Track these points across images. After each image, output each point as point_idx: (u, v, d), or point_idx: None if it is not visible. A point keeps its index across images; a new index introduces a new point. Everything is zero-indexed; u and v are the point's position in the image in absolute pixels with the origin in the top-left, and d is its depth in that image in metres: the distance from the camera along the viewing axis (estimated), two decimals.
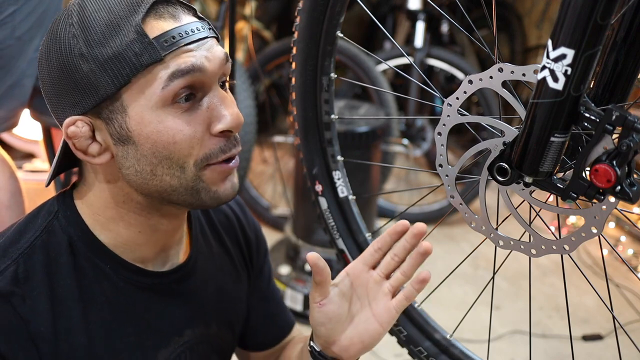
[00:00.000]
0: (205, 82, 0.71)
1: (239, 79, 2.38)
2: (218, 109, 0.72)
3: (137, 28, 0.67)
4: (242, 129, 2.39)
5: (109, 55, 0.67)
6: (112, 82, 0.67)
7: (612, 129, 0.63)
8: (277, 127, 3.76)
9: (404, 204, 2.95)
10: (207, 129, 0.71)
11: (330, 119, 1.04)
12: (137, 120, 0.69)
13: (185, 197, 0.73)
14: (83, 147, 0.72)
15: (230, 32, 1.84)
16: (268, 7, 3.83)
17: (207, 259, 0.89)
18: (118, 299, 0.77)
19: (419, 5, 3.09)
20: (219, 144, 0.72)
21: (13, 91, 1.34)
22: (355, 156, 2.19)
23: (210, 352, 0.89)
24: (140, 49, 0.67)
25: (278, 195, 2.87)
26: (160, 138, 0.69)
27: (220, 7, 3.00)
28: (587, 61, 0.62)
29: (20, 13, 1.28)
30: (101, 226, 0.77)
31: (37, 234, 0.74)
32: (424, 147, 3.16)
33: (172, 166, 0.70)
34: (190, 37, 0.69)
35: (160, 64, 0.67)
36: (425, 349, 0.94)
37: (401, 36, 3.56)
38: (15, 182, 1.40)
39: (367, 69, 2.80)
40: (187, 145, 0.70)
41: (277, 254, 2.42)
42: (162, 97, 0.68)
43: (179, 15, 0.71)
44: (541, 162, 0.68)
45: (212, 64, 0.71)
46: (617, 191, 0.64)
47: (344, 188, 1.06)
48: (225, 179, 0.75)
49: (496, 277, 2.40)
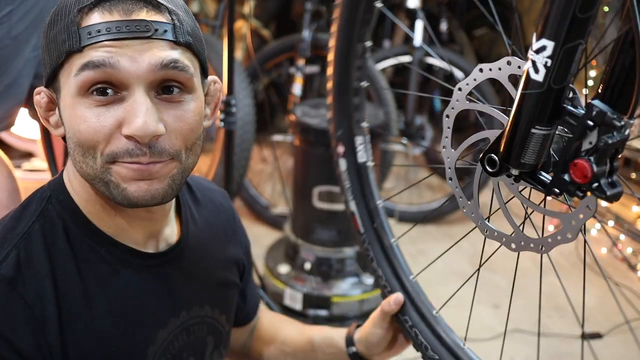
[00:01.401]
0: (123, 81, 0.69)
1: (237, 77, 2.37)
2: (128, 113, 0.69)
3: (72, 15, 0.70)
4: (241, 128, 2.38)
5: (51, 37, 0.72)
6: (49, 62, 0.72)
7: (593, 124, 0.63)
8: (276, 126, 3.75)
9: (403, 202, 2.94)
10: (117, 128, 0.70)
11: (359, 85, 1.06)
12: (63, 102, 0.72)
13: (101, 188, 0.73)
14: (45, 116, 0.77)
15: (229, 31, 1.84)
16: (267, 6, 3.82)
17: (197, 242, 0.90)
18: (116, 281, 0.78)
19: (417, 4, 3.09)
20: (127, 145, 0.70)
21: (10, 91, 1.33)
22: None
23: (206, 334, 0.91)
24: (67, 36, 0.70)
25: (277, 194, 2.86)
26: (71, 124, 0.72)
27: (219, 5, 3.00)
28: (568, 54, 0.62)
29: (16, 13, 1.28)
30: (92, 208, 0.78)
31: (34, 219, 0.76)
32: (423, 145, 3.16)
33: (85, 154, 0.72)
34: (122, 33, 0.68)
35: (79, 53, 0.69)
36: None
37: (400, 35, 3.56)
38: (13, 182, 1.39)
39: None
40: (92, 136, 0.70)
41: (276, 252, 2.42)
42: (75, 85, 0.70)
43: (134, 11, 0.69)
44: (522, 154, 0.68)
45: (135, 65, 0.68)
46: (593, 187, 0.64)
47: (364, 154, 1.09)
48: (136, 178, 0.71)
49: (496, 276, 2.40)
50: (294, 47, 2.90)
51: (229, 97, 1.89)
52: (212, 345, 0.93)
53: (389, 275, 1.02)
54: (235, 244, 1.01)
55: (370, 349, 1.01)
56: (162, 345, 0.83)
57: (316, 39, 2.85)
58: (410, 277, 1.01)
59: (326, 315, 2.18)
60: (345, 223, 2.25)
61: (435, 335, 0.95)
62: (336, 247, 2.24)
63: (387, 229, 1.07)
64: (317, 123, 2.15)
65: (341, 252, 2.24)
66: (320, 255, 2.24)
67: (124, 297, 0.78)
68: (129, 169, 0.71)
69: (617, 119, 0.61)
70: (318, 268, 2.24)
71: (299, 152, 2.25)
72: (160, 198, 0.73)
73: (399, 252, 1.05)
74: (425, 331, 0.96)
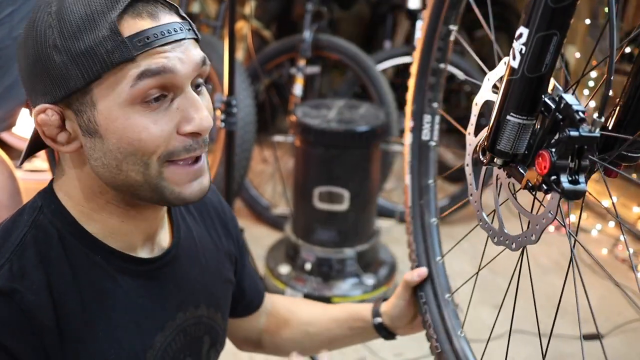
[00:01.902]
0: (176, 83, 0.71)
1: (238, 78, 2.37)
2: (188, 111, 0.72)
3: (111, 25, 0.67)
4: (242, 129, 2.39)
5: (82, 50, 0.68)
6: (82, 76, 0.68)
7: (561, 117, 0.64)
8: (276, 127, 3.76)
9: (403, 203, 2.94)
10: (174, 129, 0.72)
11: (438, 66, 1.09)
12: (105, 115, 0.70)
13: (150, 194, 0.74)
14: (52, 134, 0.73)
15: (230, 31, 1.84)
16: (268, 7, 3.82)
17: (189, 243, 0.91)
18: (113, 287, 0.78)
19: (418, 5, 3.09)
20: (184, 143, 0.73)
21: (11, 92, 1.33)
22: (355, 155, 2.18)
23: (203, 334, 0.91)
24: (113, 46, 0.67)
25: (278, 194, 2.87)
26: (126, 134, 0.70)
27: (220, 6, 3.00)
28: (541, 43, 0.63)
29: (18, 13, 1.28)
30: (86, 217, 0.77)
31: (25, 229, 0.75)
32: None
33: (137, 162, 0.71)
34: (166, 38, 0.69)
35: (131, 63, 0.68)
36: None
37: (401, 36, 3.56)
38: (14, 182, 1.39)
39: (366, 68, 2.80)
40: (153, 143, 0.70)
41: (277, 253, 2.42)
42: (130, 95, 0.68)
43: (158, 14, 0.70)
44: (498, 141, 0.69)
45: (185, 66, 0.71)
46: (551, 180, 0.64)
47: (428, 133, 1.12)
48: (191, 180, 0.75)
49: (496, 277, 2.40)
50: (295, 47, 2.90)
51: (229, 97, 1.89)
52: (209, 344, 0.94)
53: (421, 251, 1.06)
54: (227, 237, 1.01)
55: (394, 322, 1.05)
56: (160, 349, 0.83)
57: (317, 40, 2.86)
58: (437, 258, 1.04)
59: None
60: (346, 223, 2.26)
61: (440, 316, 0.98)
62: (336, 247, 2.25)
63: (432, 208, 1.10)
64: (317, 124, 2.15)
65: (341, 253, 2.24)
66: (321, 256, 2.24)
67: (122, 303, 0.78)
68: (181, 174, 0.74)
69: (578, 112, 0.62)
70: (318, 268, 2.24)
71: (300, 152, 2.25)
72: (207, 189, 0.78)
73: (436, 233, 1.09)
74: (434, 311, 0.99)
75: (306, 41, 2.84)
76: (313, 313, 1.12)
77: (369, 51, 3.08)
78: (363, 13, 4.18)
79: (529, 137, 0.69)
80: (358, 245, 2.27)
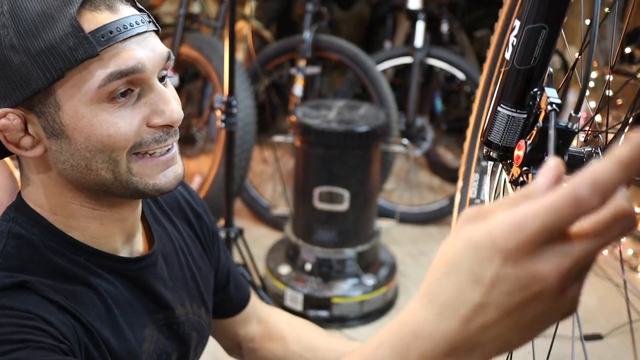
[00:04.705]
0: (144, 79, 0.70)
1: (238, 78, 2.37)
2: (157, 104, 0.71)
3: (72, 21, 0.65)
4: (242, 129, 2.39)
5: (42, 48, 0.65)
6: (44, 76, 0.65)
7: (540, 109, 0.65)
8: (277, 127, 3.76)
9: (403, 203, 2.95)
10: (143, 122, 0.71)
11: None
12: (70, 114, 0.68)
13: (123, 190, 0.73)
14: (14, 139, 0.70)
15: (230, 32, 1.84)
16: (268, 7, 3.82)
17: (165, 241, 0.90)
18: (101, 285, 0.76)
19: (418, 5, 3.09)
20: (154, 135, 0.72)
21: None
22: (356, 155, 2.18)
23: (190, 330, 0.90)
24: (75, 43, 0.65)
25: (278, 195, 2.86)
26: (94, 132, 0.68)
27: (220, 7, 3.01)
28: (530, 35, 0.64)
29: None
30: (64, 225, 0.75)
31: (4, 240, 0.72)
32: (424, 147, 3.16)
33: (106, 160, 0.70)
34: (128, 31, 0.68)
35: (96, 60, 0.66)
36: None
37: (401, 36, 3.56)
38: (14, 183, 1.39)
39: (367, 69, 2.80)
40: (123, 138, 0.69)
41: (277, 253, 2.42)
42: (97, 94, 0.67)
43: (117, 7, 0.69)
44: (490, 131, 0.70)
45: (152, 62, 0.70)
46: (523, 170, 0.65)
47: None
48: (163, 170, 0.75)
49: None
50: (295, 48, 2.90)
51: (230, 97, 1.89)
52: (196, 340, 0.93)
53: None
54: (201, 228, 1.00)
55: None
56: (151, 343, 0.82)
57: (317, 40, 2.86)
58: None
59: (327, 316, 2.18)
60: (346, 224, 2.26)
61: None
62: (337, 248, 2.24)
63: None
64: (317, 124, 2.15)
65: (342, 253, 2.24)
66: (321, 256, 2.24)
67: (114, 297, 0.77)
68: (153, 163, 0.73)
69: (552, 104, 0.63)
70: (319, 269, 2.24)
71: (300, 153, 2.25)
72: (182, 176, 0.77)
73: None
74: None
75: (306, 41, 2.84)
76: (315, 338, 1.07)
77: (369, 51, 3.08)
78: (363, 13, 4.18)
79: (519, 131, 0.69)
80: (358, 245, 2.27)
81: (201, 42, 2.69)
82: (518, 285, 0.38)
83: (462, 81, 3.02)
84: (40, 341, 0.64)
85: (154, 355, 0.83)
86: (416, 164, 3.39)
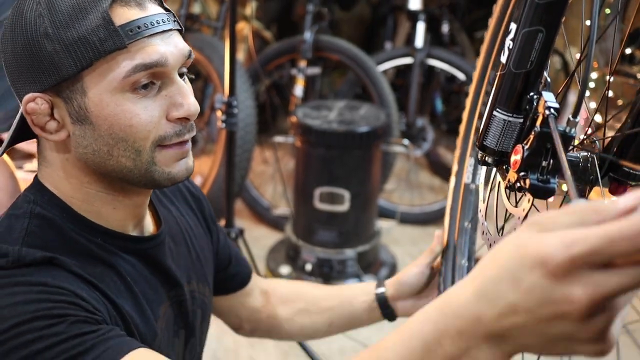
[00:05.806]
0: (165, 73, 0.74)
1: (239, 79, 2.38)
2: (175, 97, 0.75)
3: (104, 14, 0.70)
4: (243, 129, 2.39)
5: (74, 38, 0.69)
6: (74, 64, 0.70)
7: (538, 113, 0.64)
8: (277, 128, 3.76)
9: (404, 203, 2.95)
10: (163, 115, 0.75)
11: None
12: (96, 102, 0.72)
13: (140, 178, 0.77)
14: (41, 123, 0.75)
15: (231, 32, 1.84)
16: (269, 8, 3.83)
17: (172, 223, 0.94)
18: (120, 264, 0.80)
19: (419, 6, 3.09)
20: (174, 128, 0.76)
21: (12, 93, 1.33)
22: (356, 156, 2.19)
23: (196, 307, 0.94)
24: (105, 35, 0.69)
25: (278, 195, 2.87)
26: (118, 121, 0.72)
27: (221, 7, 3.01)
28: (527, 39, 0.63)
29: None
30: (78, 208, 0.79)
31: (27, 220, 0.75)
32: (424, 147, 3.16)
33: (128, 148, 0.74)
34: (155, 28, 0.72)
35: (123, 52, 0.70)
36: None
37: (402, 37, 3.56)
38: (15, 183, 1.40)
39: (367, 69, 2.80)
40: (143, 128, 0.73)
41: (278, 254, 2.42)
42: (122, 84, 0.71)
43: (145, 4, 0.73)
44: (485, 135, 0.70)
45: (174, 58, 0.74)
46: (521, 176, 0.64)
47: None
48: (178, 160, 0.78)
49: None
50: (296, 48, 2.91)
51: (230, 98, 1.89)
52: (201, 317, 0.96)
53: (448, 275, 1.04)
54: (201, 212, 1.04)
55: (399, 289, 1.03)
56: (164, 321, 0.86)
57: (318, 41, 2.86)
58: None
59: None
60: (346, 224, 2.26)
61: (451, 279, 0.98)
62: (337, 248, 2.25)
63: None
64: (318, 124, 2.16)
65: (342, 254, 2.25)
66: (321, 257, 2.24)
67: (132, 275, 0.81)
68: (171, 155, 0.77)
69: (549, 108, 0.62)
70: (319, 269, 2.24)
71: (300, 153, 2.25)
72: (192, 169, 0.81)
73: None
74: (448, 275, 0.99)
75: (307, 42, 2.84)
76: (316, 292, 1.12)
77: (370, 52, 3.08)
78: (364, 14, 4.18)
79: (516, 136, 0.68)
80: (359, 246, 2.27)
81: (202, 42, 2.69)
82: (550, 299, 0.41)
83: (462, 82, 3.01)
84: (77, 314, 0.68)
85: (165, 331, 0.86)
86: (417, 164, 3.39)
